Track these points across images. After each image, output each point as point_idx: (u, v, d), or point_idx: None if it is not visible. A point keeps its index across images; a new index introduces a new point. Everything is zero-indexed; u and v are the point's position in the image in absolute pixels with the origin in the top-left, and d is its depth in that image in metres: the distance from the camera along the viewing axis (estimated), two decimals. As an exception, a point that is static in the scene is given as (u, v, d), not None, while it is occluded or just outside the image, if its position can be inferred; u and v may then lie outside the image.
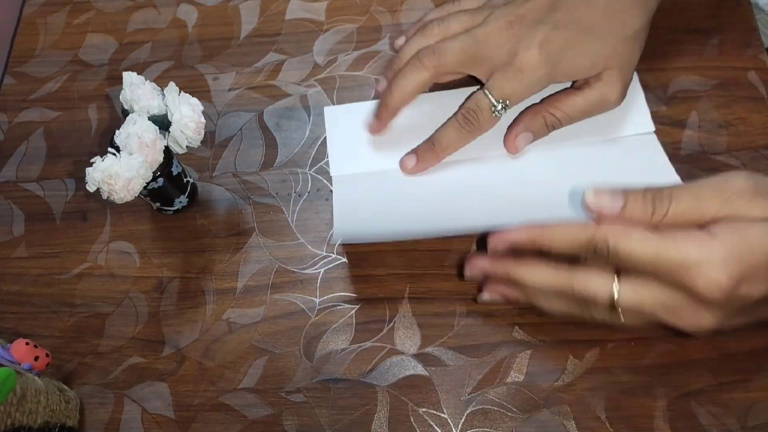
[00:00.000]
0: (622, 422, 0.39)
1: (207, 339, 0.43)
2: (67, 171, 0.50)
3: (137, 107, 0.41)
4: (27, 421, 0.36)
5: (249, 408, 0.41)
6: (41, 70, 0.54)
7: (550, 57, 0.42)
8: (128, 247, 0.46)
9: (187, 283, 0.45)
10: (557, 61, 0.42)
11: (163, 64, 0.53)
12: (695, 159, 0.46)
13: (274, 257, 0.45)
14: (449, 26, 0.44)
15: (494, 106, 0.43)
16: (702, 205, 0.34)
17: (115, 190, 0.39)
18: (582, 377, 0.40)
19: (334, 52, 0.53)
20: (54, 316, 0.45)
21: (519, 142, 0.44)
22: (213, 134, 0.50)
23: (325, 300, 0.44)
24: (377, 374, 0.41)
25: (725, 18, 0.51)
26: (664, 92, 0.49)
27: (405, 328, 0.43)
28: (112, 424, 0.41)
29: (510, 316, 0.42)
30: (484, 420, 0.40)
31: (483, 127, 0.44)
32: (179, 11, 0.56)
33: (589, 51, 0.42)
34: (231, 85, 0.52)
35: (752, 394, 0.39)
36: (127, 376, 0.42)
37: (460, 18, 0.45)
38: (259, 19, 0.55)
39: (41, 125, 0.52)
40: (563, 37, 0.42)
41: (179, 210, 0.47)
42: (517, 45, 0.42)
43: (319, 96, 0.51)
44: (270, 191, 0.48)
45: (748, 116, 0.47)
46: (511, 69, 0.42)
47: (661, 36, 0.51)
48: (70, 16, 0.56)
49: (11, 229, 0.48)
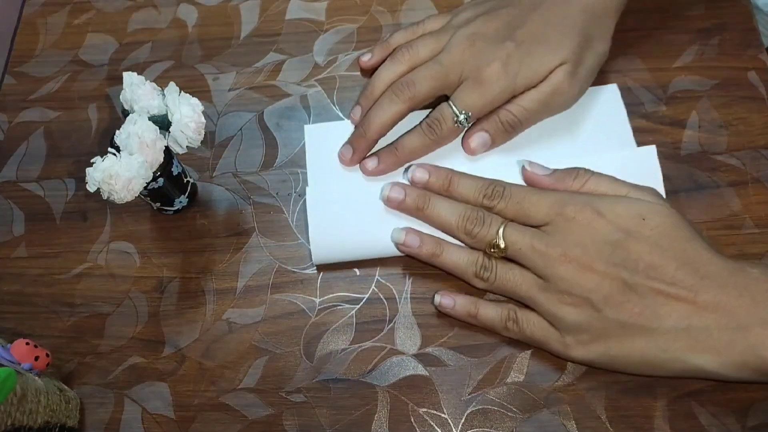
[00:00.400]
0: (622, 422, 0.39)
1: (207, 339, 0.43)
2: (67, 171, 0.50)
3: (137, 107, 0.41)
4: (27, 421, 0.36)
5: (249, 408, 0.41)
6: (41, 70, 0.54)
7: (511, 70, 0.43)
8: (128, 247, 0.46)
9: (188, 283, 0.45)
10: (516, 73, 0.44)
11: (163, 64, 0.53)
12: (695, 159, 0.46)
13: (275, 257, 0.45)
14: (417, 52, 0.46)
15: (456, 116, 0.44)
16: (618, 187, 0.40)
17: (116, 190, 0.39)
18: (582, 377, 0.40)
19: (335, 52, 0.53)
20: (54, 316, 0.45)
21: (474, 142, 0.45)
22: (213, 134, 0.50)
23: (326, 300, 0.44)
24: (377, 374, 0.41)
25: (725, 18, 0.51)
26: (664, 92, 0.49)
27: (405, 328, 0.43)
28: (112, 424, 0.41)
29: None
30: (485, 420, 0.40)
31: (446, 136, 0.45)
32: (179, 11, 0.56)
33: (545, 55, 0.44)
34: (231, 85, 0.52)
35: (752, 394, 0.39)
36: (127, 376, 0.42)
37: (426, 43, 0.46)
38: (259, 19, 0.55)
39: (41, 125, 0.52)
40: (524, 50, 0.44)
41: (179, 210, 0.47)
42: (481, 60, 0.44)
43: (320, 96, 0.51)
44: (270, 191, 0.48)
45: (748, 116, 0.47)
46: (474, 83, 0.44)
47: (661, 36, 0.51)
48: (70, 16, 0.56)
49: (11, 229, 0.48)
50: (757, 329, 0.35)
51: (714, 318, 0.36)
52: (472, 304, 0.41)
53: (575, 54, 0.44)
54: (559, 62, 0.44)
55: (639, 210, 0.39)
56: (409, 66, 0.46)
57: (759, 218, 0.44)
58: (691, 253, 0.37)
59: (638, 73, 0.49)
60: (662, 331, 0.37)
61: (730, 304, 0.36)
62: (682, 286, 0.37)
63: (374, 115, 0.45)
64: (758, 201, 0.45)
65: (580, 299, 0.38)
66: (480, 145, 0.45)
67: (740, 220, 0.44)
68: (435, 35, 0.47)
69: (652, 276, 0.37)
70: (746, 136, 0.47)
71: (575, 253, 0.38)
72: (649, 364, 0.38)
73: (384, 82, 0.47)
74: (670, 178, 0.46)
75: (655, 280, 0.37)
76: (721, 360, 0.36)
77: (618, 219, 0.38)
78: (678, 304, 0.37)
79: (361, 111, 0.47)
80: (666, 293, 0.37)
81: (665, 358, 0.37)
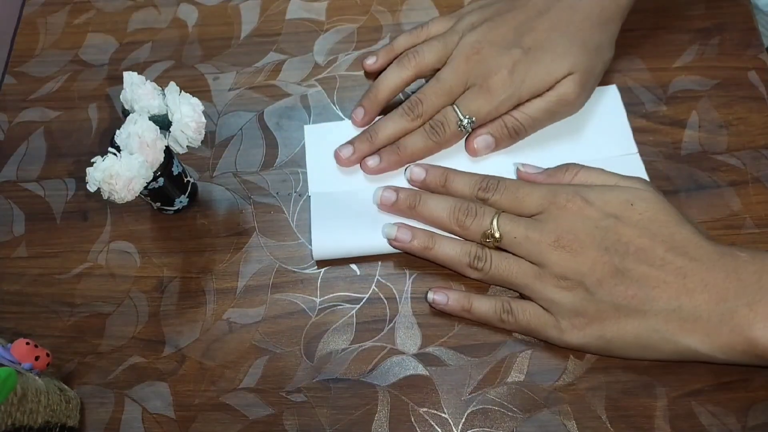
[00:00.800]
0: (622, 422, 0.39)
1: (207, 339, 0.43)
2: (67, 171, 0.49)
3: (138, 107, 0.41)
4: (27, 420, 0.36)
5: (249, 408, 0.41)
6: (41, 70, 0.54)
7: (517, 78, 0.44)
8: (128, 247, 0.46)
9: (188, 282, 0.45)
10: (522, 81, 0.44)
11: (163, 63, 0.53)
12: (695, 159, 0.46)
13: (275, 257, 0.45)
14: (423, 57, 0.47)
15: (460, 120, 0.45)
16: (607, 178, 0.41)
17: (116, 190, 0.39)
18: (582, 377, 0.40)
19: (335, 52, 0.53)
20: (54, 316, 0.45)
21: (478, 144, 0.46)
22: (213, 134, 0.50)
23: (326, 300, 0.44)
24: (378, 374, 0.41)
25: (725, 18, 0.51)
26: (664, 92, 0.49)
27: (405, 327, 0.43)
28: (112, 424, 0.41)
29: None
30: (485, 420, 0.40)
31: (448, 140, 0.46)
32: (179, 11, 0.56)
33: (552, 63, 0.44)
34: (231, 84, 0.52)
35: (752, 394, 0.39)
36: (128, 376, 0.42)
37: (432, 47, 0.47)
38: (259, 19, 0.55)
39: (41, 125, 0.52)
40: (531, 57, 0.44)
41: (179, 210, 0.47)
42: (487, 68, 0.44)
43: (320, 96, 0.51)
44: (270, 191, 0.48)
45: (748, 116, 0.47)
46: (480, 89, 0.45)
47: (661, 36, 0.51)
48: (70, 16, 0.56)
49: (11, 228, 0.48)
50: (744, 310, 0.36)
51: (703, 299, 0.37)
52: (466, 299, 0.41)
53: (584, 64, 0.44)
54: (566, 71, 0.44)
55: (627, 196, 0.40)
56: (415, 71, 0.47)
57: (759, 218, 0.44)
58: (680, 237, 0.38)
59: (638, 73, 0.50)
60: (654, 312, 0.37)
61: (718, 286, 0.37)
62: (671, 268, 0.37)
63: (384, 126, 0.46)
64: (758, 201, 0.45)
65: (574, 283, 0.39)
66: (484, 148, 0.46)
67: (740, 220, 0.44)
68: (441, 39, 0.47)
69: (642, 259, 0.38)
70: (746, 136, 0.47)
71: (568, 239, 0.39)
72: (642, 346, 0.38)
73: (388, 86, 0.47)
74: (670, 177, 0.46)
75: (645, 262, 0.38)
76: (710, 341, 0.37)
77: (607, 206, 0.39)
78: (668, 285, 0.37)
79: (363, 113, 0.48)
80: (656, 275, 0.37)
81: (657, 338, 0.38)
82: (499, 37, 0.45)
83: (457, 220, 0.42)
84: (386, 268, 0.44)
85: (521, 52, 0.44)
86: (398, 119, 0.46)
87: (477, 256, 0.41)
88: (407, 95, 0.48)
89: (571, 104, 0.45)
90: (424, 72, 0.47)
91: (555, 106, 0.45)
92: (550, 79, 0.44)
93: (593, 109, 0.47)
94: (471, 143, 0.46)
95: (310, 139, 0.49)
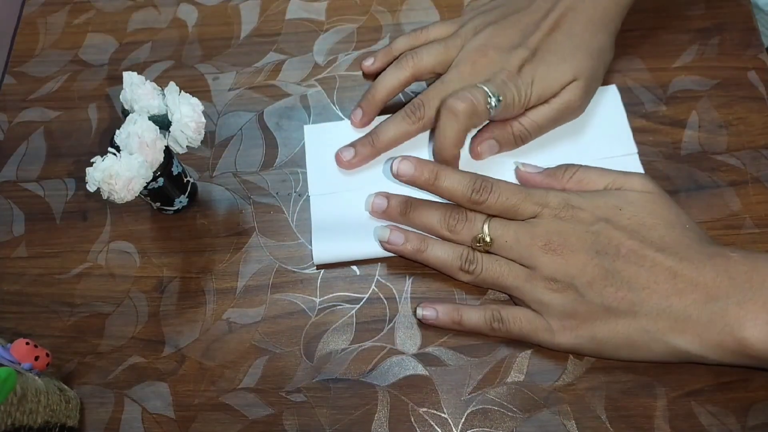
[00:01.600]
0: (622, 422, 0.39)
1: (207, 339, 0.43)
2: (67, 171, 0.50)
3: (137, 107, 0.41)
4: (27, 420, 0.36)
5: (249, 408, 0.41)
6: (41, 70, 0.54)
7: (526, 79, 0.44)
8: (128, 247, 0.46)
9: (188, 282, 0.45)
10: (530, 82, 0.44)
11: (163, 63, 0.53)
12: (695, 159, 0.46)
13: (275, 257, 0.45)
14: (422, 59, 0.47)
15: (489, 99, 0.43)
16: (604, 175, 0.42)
17: (116, 190, 0.39)
18: (582, 377, 0.40)
19: (335, 52, 0.53)
20: (54, 315, 0.45)
21: (483, 148, 0.46)
22: (213, 134, 0.50)
23: (326, 300, 0.44)
24: (377, 374, 0.41)
25: (725, 18, 0.51)
26: (664, 92, 0.49)
27: (405, 327, 0.43)
28: (112, 424, 0.41)
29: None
30: (485, 420, 0.40)
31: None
32: (179, 11, 0.56)
33: (557, 69, 0.44)
34: (231, 84, 0.52)
35: (752, 394, 0.39)
36: (127, 376, 0.42)
37: (432, 50, 0.47)
38: (259, 19, 0.55)
39: (41, 125, 0.52)
40: (537, 59, 0.44)
41: (179, 210, 0.47)
42: (495, 70, 0.44)
43: (320, 96, 0.51)
44: (270, 191, 0.48)
45: (748, 116, 0.47)
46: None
47: (660, 36, 0.51)
48: (70, 16, 0.56)
49: (11, 228, 0.48)
50: (734, 309, 0.36)
51: (693, 299, 0.37)
52: (455, 311, 0.41)
53: (588, 70, 0.44)
54: (571, 78, 0.44)
55: (616, 201, 0.40)
56: (412, 72, 0.47)
57: (759, 218, 0.44)
58: (669, 239, 0.38)
59: (638, 73, 0.50)
60: (644, 313, 0.38)
61: (708, 285, 0.37)
62: (661, 269, 0.38)
63: (386, 129, 0.46)
64: (758, 201, 0.45)
65: (565, 285, 0.39)
66: (488, 152, 0.46)
67: (740, 220, 0.44)
68: (442, 43, 0.47)
69: (632, 260, 0.38)
70: (746, 136, 0.47)
71: (558, 242, 0.39)
72: (633, 347, 0.38)
73: (386, 87, 0.47)
74: (670, 178, 0.46)
75: (635, 264, 0.38)
76: (700, 341, 0.37)
77: (597, 210, 0.40)
78: (657, 286, 0.37)
79: (361, 114, 0.48)
80: (646, 276, 0.38)
81: (648, 339, 0.38)
82: (505, 40, 0.45)
83: (449, 226, 0.42)
84: (386, 268, 0.44)
85: (528, 53, 0.44)
86: (400, 122, 0.46)
87: (468, 259, 0.41)
88: (409, 97, 0.48)
89: (576, 110, 0.46)
90: (421, 74, 0.47)
91: (560, 113, 0.45)
92: (557, 85, 0.44)
93: (593, 110, 0.47)
94: (475, 147, 0.46)
95: (309, 139, 0.49)
